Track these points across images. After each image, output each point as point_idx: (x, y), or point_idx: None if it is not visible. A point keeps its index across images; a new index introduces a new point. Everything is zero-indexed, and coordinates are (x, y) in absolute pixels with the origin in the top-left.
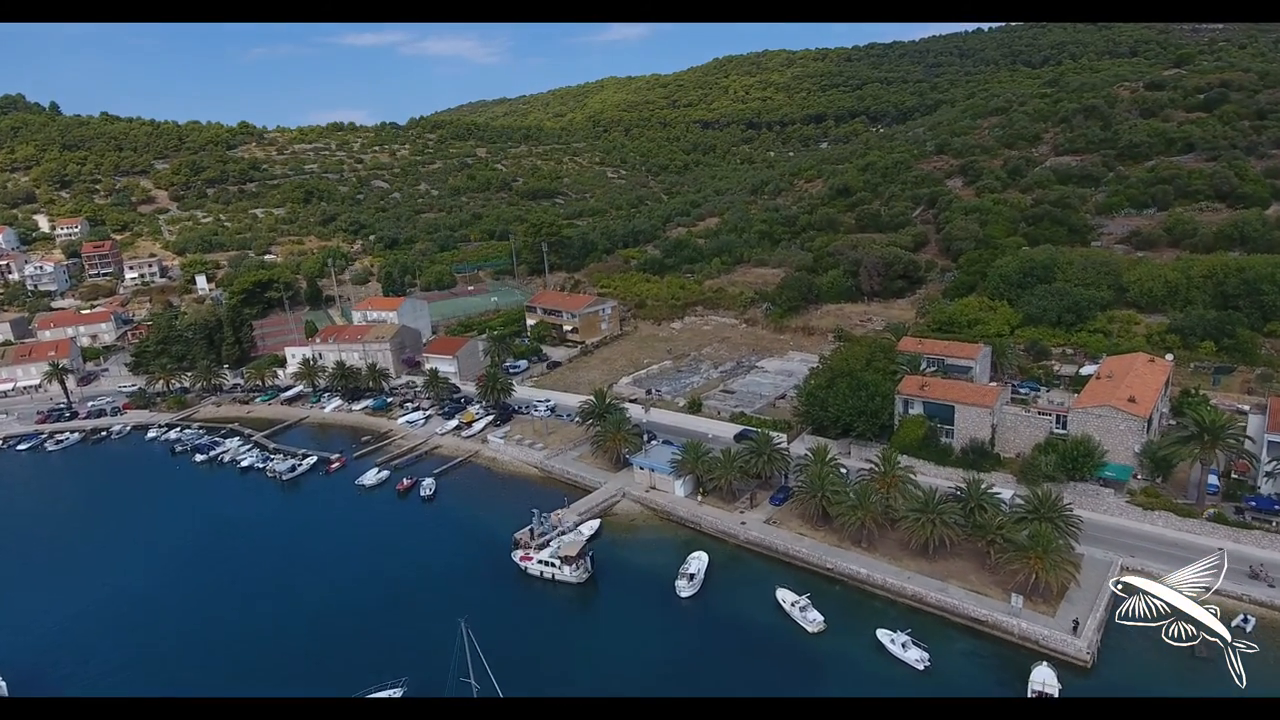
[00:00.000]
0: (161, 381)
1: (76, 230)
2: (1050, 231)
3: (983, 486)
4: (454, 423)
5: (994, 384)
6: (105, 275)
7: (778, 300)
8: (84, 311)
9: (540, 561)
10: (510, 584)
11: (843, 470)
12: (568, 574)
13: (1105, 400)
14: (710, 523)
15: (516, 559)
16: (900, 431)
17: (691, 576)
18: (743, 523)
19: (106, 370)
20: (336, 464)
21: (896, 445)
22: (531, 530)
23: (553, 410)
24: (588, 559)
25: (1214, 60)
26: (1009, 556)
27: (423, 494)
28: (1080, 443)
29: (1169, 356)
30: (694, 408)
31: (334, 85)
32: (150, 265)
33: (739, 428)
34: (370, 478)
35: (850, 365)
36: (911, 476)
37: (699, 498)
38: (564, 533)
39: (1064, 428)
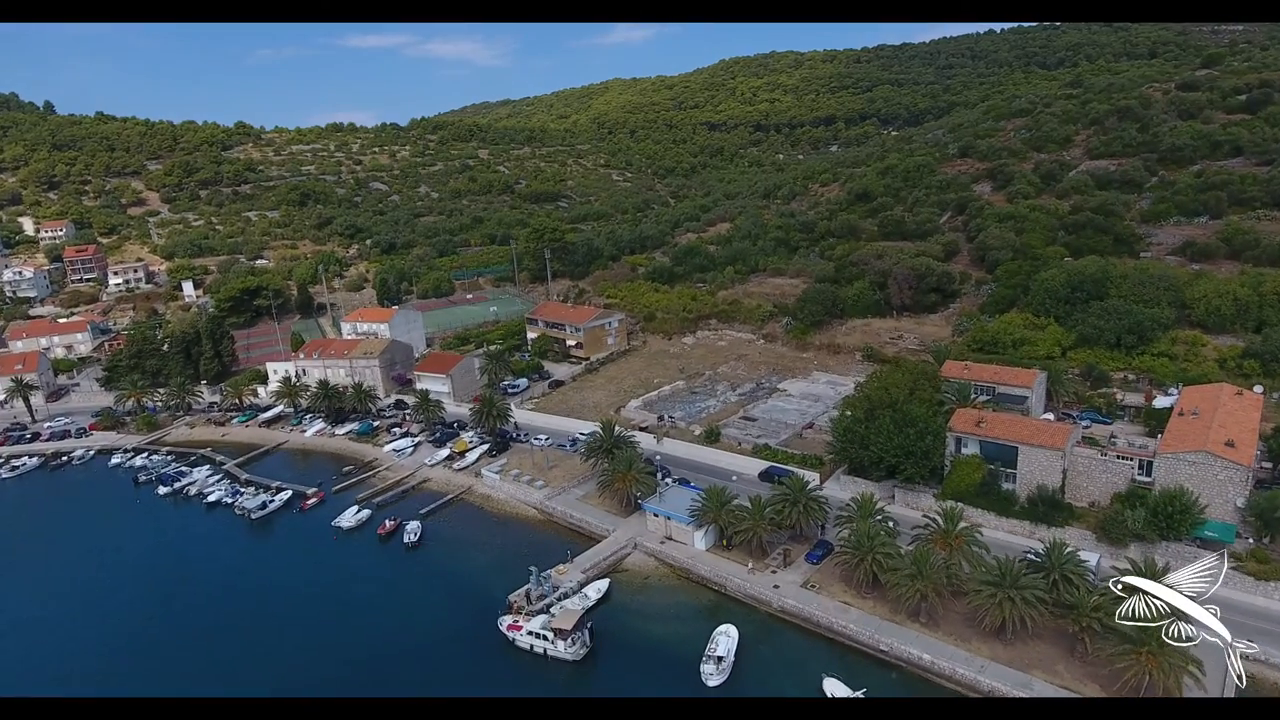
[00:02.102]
0: (132, 400)
1: (61, 233)
2: (1094, 241)
3: (1066, 550)
4: (445, 452)
5: (1064, 420)
6: (88, 281)
7: (799, 314)
8: (60, 320)
9: (530, 633)
10: (494, 660)
11: (891, 524)
12: (562, 650)
13: (1199, 444)
14: (737, 585)
15: (504, 628)
16: (954, 475)
17: (720, 660)
18: (775, 586)
19: (78, 385)
20: (313, 500)
21: (949, 491)
22: (528, 593)
23: (574, 445)
24: (586, 631)
25: (1243, 60)
26: (1115, 653)
27: (406, 540)
28: (1175, 495)
29: (1258, 389)
30: (711, 437)
31: (337, 87)
32: (135, 270)
33: (764, 464)
34: (349, 518)
35: (891, 395)
36: (978, 536)
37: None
38: (566, 595)
39: (1148, 475)
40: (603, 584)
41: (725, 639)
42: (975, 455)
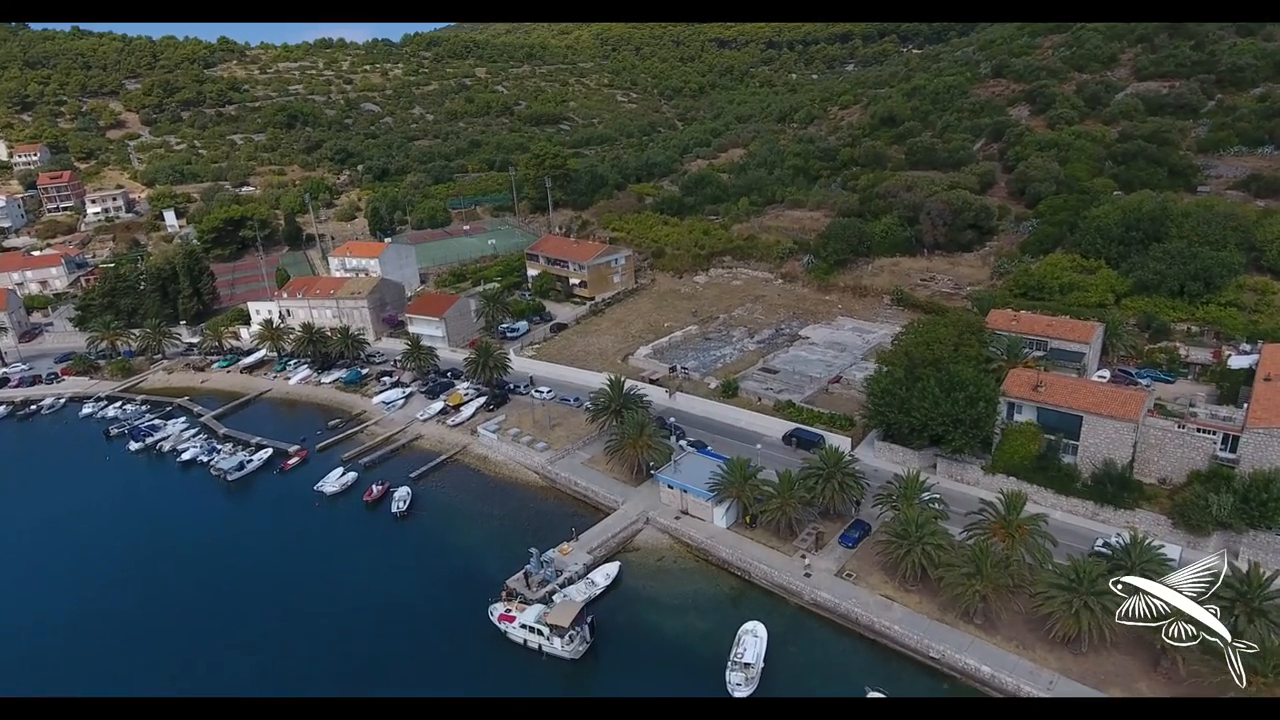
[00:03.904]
0: (106, 342)
1: (35, 158)
2: (1146, 173)
3: (1146, 541)
4: (439, 405)
5: (1121, 378)
6: (65, 210)
7: (821, 252)
8: (35, 253)
9: (523, 626)
10: (482, 655)
11: (938, 503)
12: (558, 647)
13: None
14: (763, 572)
15: (494, 618)
16: (1005, 446)
17: (747, 666)
18: (807, 574)
19: (51, 325)
20: (295, 459)
21: (1000, 463)
22: (527, 575)
23: (578, 401)
24: (586, 626)
25: None
26: (1223, 680)
27: (394, 509)
28: (1270, 479)
29: None
30: (729, 391)
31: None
32: (115, 198)
33: (788, 424)
34: (332, 482)
35: (934, 351)
36: (1043, 526)
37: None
38: (570, 581)
39: (1233, 451)
40: (612, 568)
41: (753, 640)
42: (1030, 423)
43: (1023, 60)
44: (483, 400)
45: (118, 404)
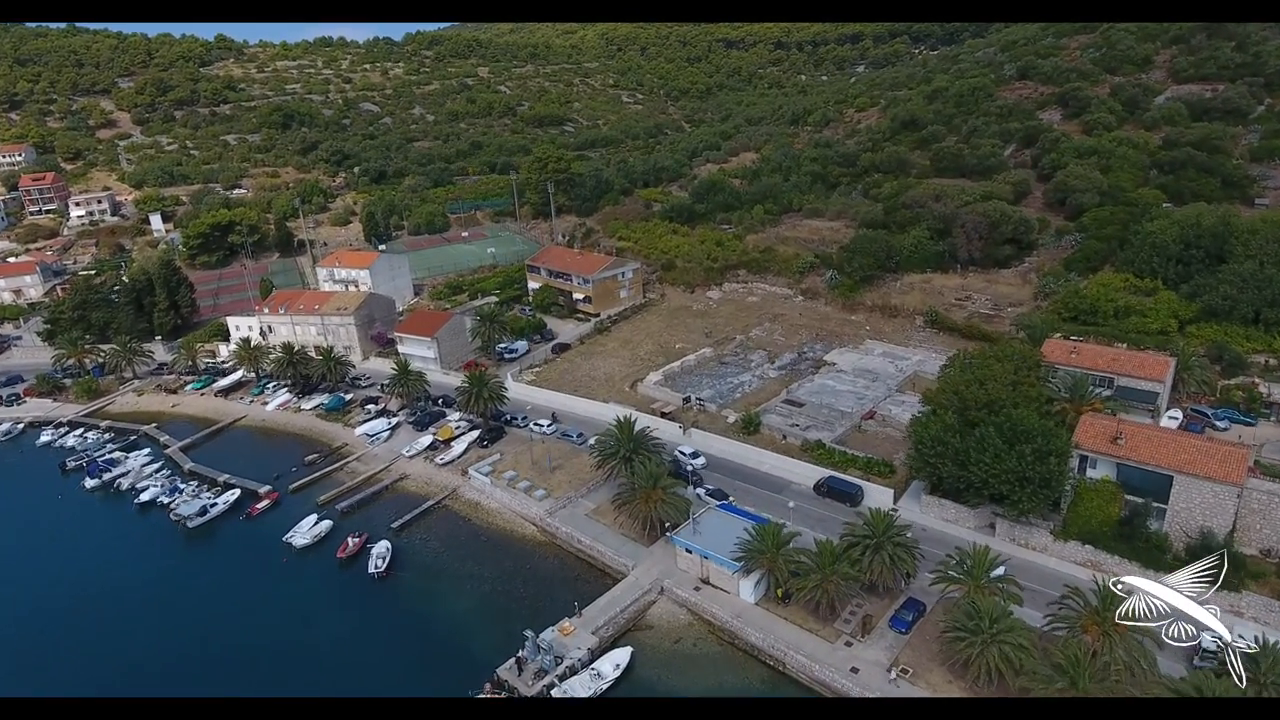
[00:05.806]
0: (73, 360)
1: (20, 158)
2: (1197, 183)
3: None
4: (427, 439)
5: (1194, 419)
6: (48, 213)
7: (845, 267)
8: (11, 260)
9: None
10: None
11: (1006, 581)
12: None
13: None
14: (799, 663)
15: None
16: (1080, 507)
17: None
18: (854, 669)
19: (20, 339)
20: (265, 501)
21: (1074, 528)
22: (519, 661)
23: (582, 438)
24: None
25: None
26: None
27: (372, 568)
28: None
29: None
30: (749, 428)
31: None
32: (100, 201)
33: (819, 470)
34: (303, 532)
35: (989, 392)
36: (1148, 627)
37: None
38: (573, 669)
39: None
40: (622, 655)
41: None
42: (1108, 480)
43: (1050, 62)
44: (476, 434)
45: (79, 431)
